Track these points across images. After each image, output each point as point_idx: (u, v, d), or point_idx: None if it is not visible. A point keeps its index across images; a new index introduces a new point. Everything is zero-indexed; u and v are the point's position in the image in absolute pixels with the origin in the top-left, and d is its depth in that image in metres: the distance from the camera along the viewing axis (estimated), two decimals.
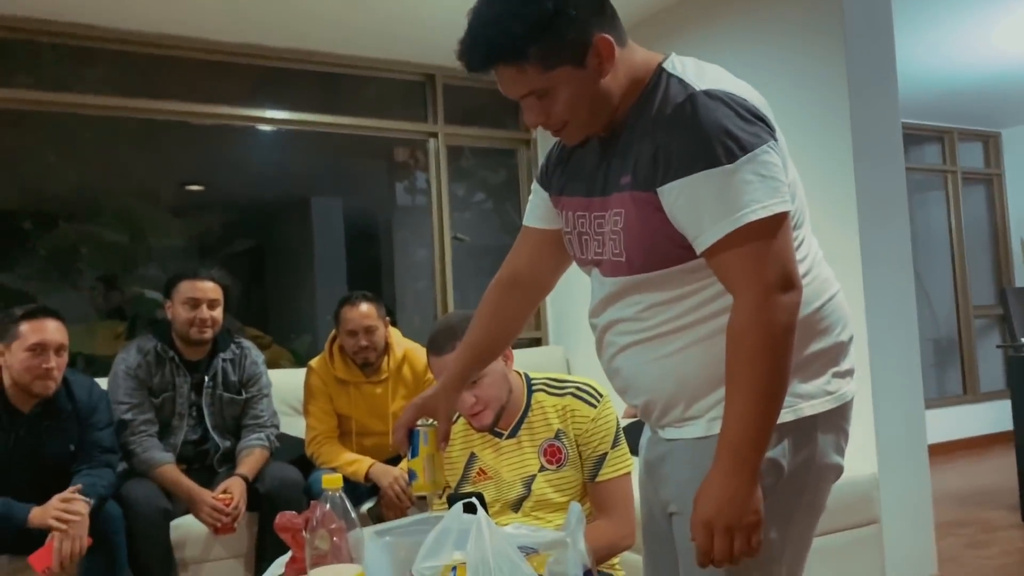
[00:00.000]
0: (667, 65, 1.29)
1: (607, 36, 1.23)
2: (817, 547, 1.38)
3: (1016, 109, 6.37)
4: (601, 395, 1.96)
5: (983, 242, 7.00)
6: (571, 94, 1.25)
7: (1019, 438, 4.04)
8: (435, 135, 4.55)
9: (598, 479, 1.93)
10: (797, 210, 1.28)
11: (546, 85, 1.24)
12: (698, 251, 1.21)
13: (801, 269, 1.25)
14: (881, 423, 3.05)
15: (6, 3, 3.49)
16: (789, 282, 1.18)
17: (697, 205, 1.18)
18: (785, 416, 1.24)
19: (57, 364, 2.57)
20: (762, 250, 1.16)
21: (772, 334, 1.16)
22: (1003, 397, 6.32)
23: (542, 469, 1.93)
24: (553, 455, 1.93)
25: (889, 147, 3.21)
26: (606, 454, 1.93)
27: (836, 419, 1.32)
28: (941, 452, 5.97)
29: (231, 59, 4.06)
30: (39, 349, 2.54)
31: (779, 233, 1.18)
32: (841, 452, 1.34)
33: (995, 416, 6.51)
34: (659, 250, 1.25)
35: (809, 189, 1.37)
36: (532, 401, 1.98)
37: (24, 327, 2.55)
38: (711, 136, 1.16)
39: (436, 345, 1.88)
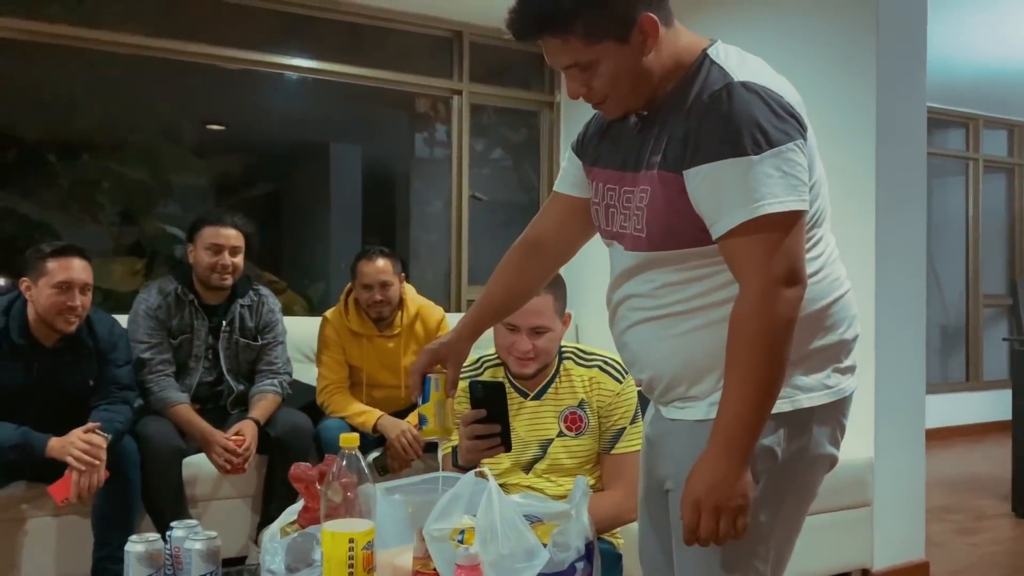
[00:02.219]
0: (711, 51, 1.32)
1: (652, 15, 1.26)
2: (808, 526, 1.42)
3: None
4: (626, 372, 2.02)
5: (999, 231, 6.98)
6: (613, 69, 1.28)
7: (1017, 430, 4.09)
8: (459, 92, 4.54)
9: (613, 451, 2.01)
10: (819, 209, 1.31)
11: (590, 58, 1.28)
12: (714, 236, 1.25)
13: (815, 267, 1.29)
14: (881, 408, 3.09)
15: None
16: (795, 277, 1.22)
17: (718, 192, 1.22)
18: (782, 406, 1.28)
19: (81, 302, 2.62)
20: (772, 243, 1.20)
21: (772, 325, 1.20)
22: (1005, 387, 6.35)
23: (560, 435, 2.00)
24: (574, 423, 2.00)
25: (913, 131, 3.20)
26: (624, 428, 2.00)
27: (833, 412, 1.35)
28: (939, 437, 6.03)
29: (258, 3, 4.04)
30: (65, 287, 2.59)
31: (791, 230, 1.21)
32: (836, 444, 1.39)
33: (995, 405, 6.55)
34: (679, 230, 1.29)
35: (829, 168, 1.39)
36: (561, 368, 2.05)
37: (51, 264, 2.60)
38: (741, 127, 1.20)
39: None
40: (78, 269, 2.63)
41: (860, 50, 3.13)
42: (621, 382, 2.02)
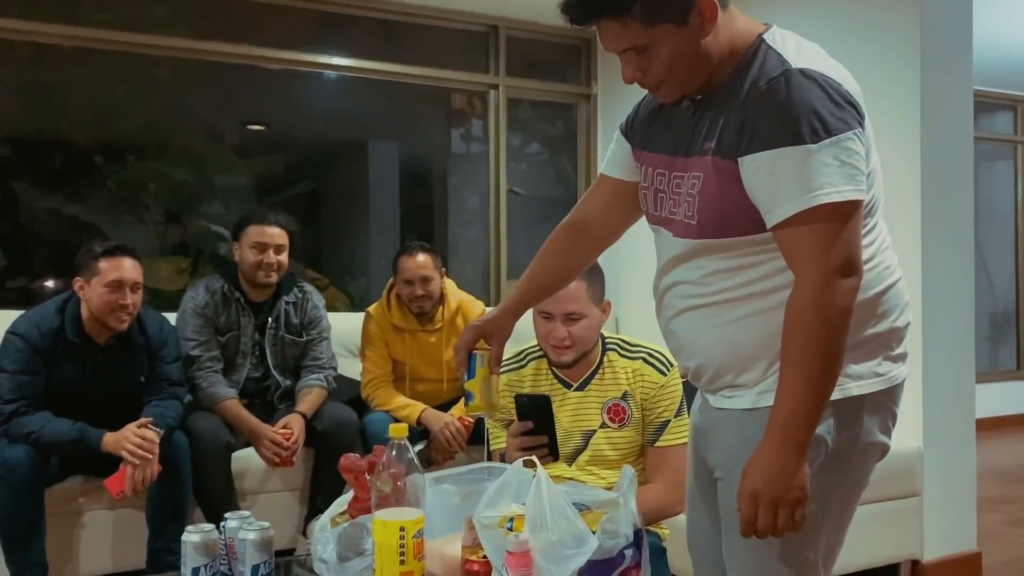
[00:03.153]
0: (767, 37, 1.30)
1: None
2: (857, 516, 1.41)
3: None
4: (672, 364, 2.01)
5: None
6: (671, 52, 1.26)
7: None
8: (496, 87, 4.55)
9: (657, 444, 2.00)
10: (873, 198, 1.30)
11: (647, 41, 1.26)
12: (768, 225, 1.24)
13: (867, 254, 1.27)
14: (929, 397, 3.04)
15: None
16: (852, 268, 1.20)
17: (774, 180, 1.21)
18: (833, 395, 1.26)
19: (132, 301, 2.69)
20: (830, 233, 1.18)
21: (829, 316, 1.18)
22: None
23: (603, 426, 2.00)
24: (617, 414, 2.00)
25: (959, 115, 3.13)
26: (668, 421, 1.99)
27: (884, 400, 1.34)
28: (989, 427, 5.91)
29: (296, 3, 4.08)
30: (116, 286, 2.66)
31: (849, 219, 1.20)
32: (888, 432, 1.37)
33: None
34: (731, 218, 1.28)
35: None
36: (604, 359, 2.05)
37: (103, 264, 2.67)
38: (800, 115, 1.18)
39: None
40: (128, 268, 2.70)
41: (903, 32, 3.07)
42: (666, 374, 2.01)
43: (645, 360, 2.03)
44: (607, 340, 2.07)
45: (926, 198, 3.03)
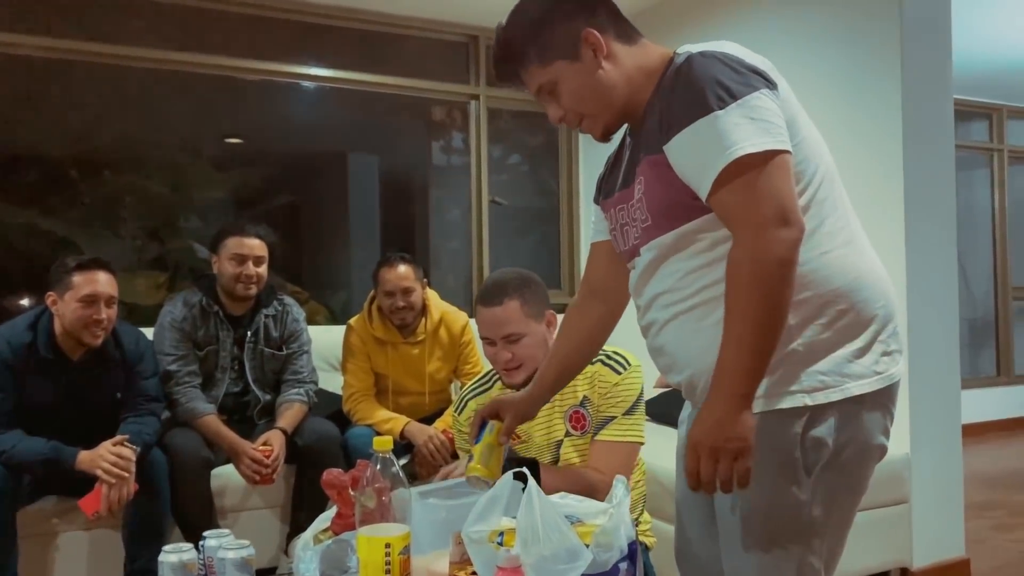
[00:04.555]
0: (679, 50, 1.36)
1: (593, 30, 1.35)
2: None
3: None
4: (629, 364, 1.96)
5: None
6: (572, 86, 1.38)
7: None
8: (476, 97, 4.53)
9: (597, 438, 1.93)
10: (814, 171, 1.31)
11: (549, 79, 1.39)
12: (704, 200, 1.25)
13: (822, 246, 1.28)
14: (916, 403, 3.04)
15: None
16: (785, 218, 1.20)
17: (695, 154, 1.24)
18: (832, 395, 1.26)
19: (107, 316, 2.63)
20: (753, 184, 1.20)
21: (766, 268, 1.19)
22: None
23: (567, 434, 1.96)
24: (578, 421, 1.96)
25: (940, 125, 3.15)
26: (614, 417, 1.93)
27: (883, 400, 1.32)
28: (973, 433, 5.93)
29: (274, 14, 4.06)
30: (90, 300, 2.59)
31: (772, 169, 1.20)
32: (887, 433, 1.36)
33: None
34: (677, 204, 1.30)
35: (856, 164, 1.38)
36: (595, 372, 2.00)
37: (77, 278, 2.61)
38: (704, 87, 1.23)
39: (485, 298, 1.93)
40: (103, 282, 2.64)
41: (884, 45, 3.09)
42: (621, 373, 1.95)
43: (603, 362, 1.98)
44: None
45: (909, 207, 3.04)
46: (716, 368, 1.23)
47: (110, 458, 2.52)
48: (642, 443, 1.95)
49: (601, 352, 1.99)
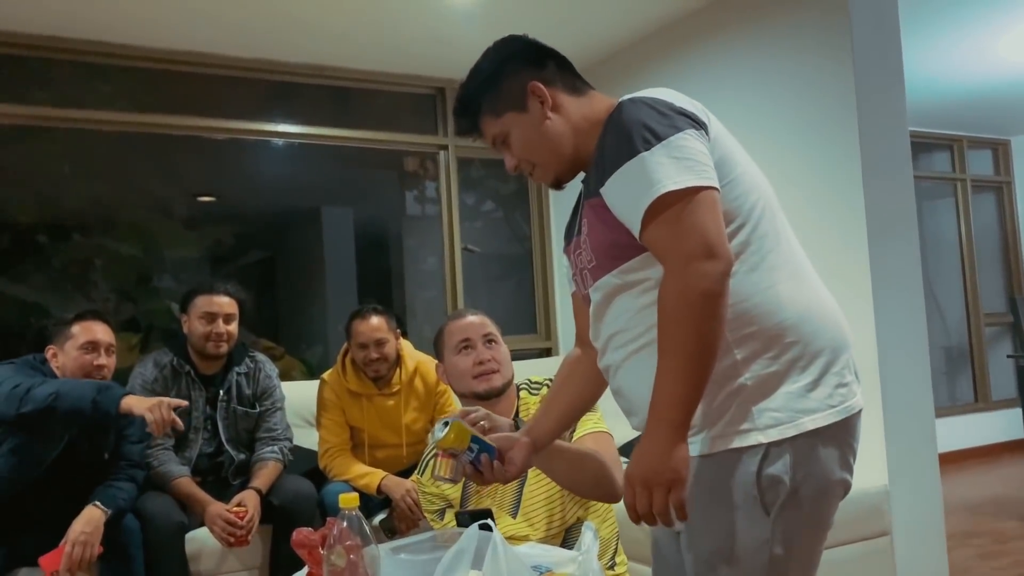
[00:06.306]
0: (621, 99, 1.39)
1: (539, 83, 1.43)
2: (827, 559, 1.38)
3: None
4: (551, 380, 1.96)
5: (993, 250, 6.99)
6: (521, 135, 1.46)
7: None
8: (445, 147, 4.58)
9: (576, 437, 1.92)
10: (754, 204, 1.34)
11: (501, 130, 1.48)
12: (638, 238, 1.29)
13: (761, 281, 1.30)
14: (891, 434, 3.05)
15: (21, 21, 3.54)
16: (710, 251, 1.22)
17: (625, 194, 1.29)
18: (786, 431, 1.26)
19: (107, 363, 2.67)
20: (677, 219, 1.23)
21: (691, 300, 1.21)
22: (1015, 405, 6.31)
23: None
24: None
25: (897, 157, 3.21)
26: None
27: (840, 433, 1.31)
28: (952, 461, 5.95)
29: (243, 74, 4.10)
30: (90, 347, 2.66)
31: (695, 205, 1.24)
32: (848, 468, 1.34)
33: (1006, 424, 6.49)
34: (617, 244, 1.34)
35: (817, 198, 1.40)
36: (519, 402, 2.05)
37: (75, 328, 2.68)
38: (632, 131, 1.29)
39: (457, 314, 2.11)
40: (101, 331, 2.71)
41: (838, 82, 3.17)
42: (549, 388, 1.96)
43: (528, 391, 2.05)
44: (519, 384, 2.09)
45: (873, 238, 3.09)
46: (651, 401, 1.25)
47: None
48: (612, 433, 1.96)
49: (523, 383, 2.09)
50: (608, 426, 1.98)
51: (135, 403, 2.42)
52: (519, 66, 1.46)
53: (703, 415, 1.30)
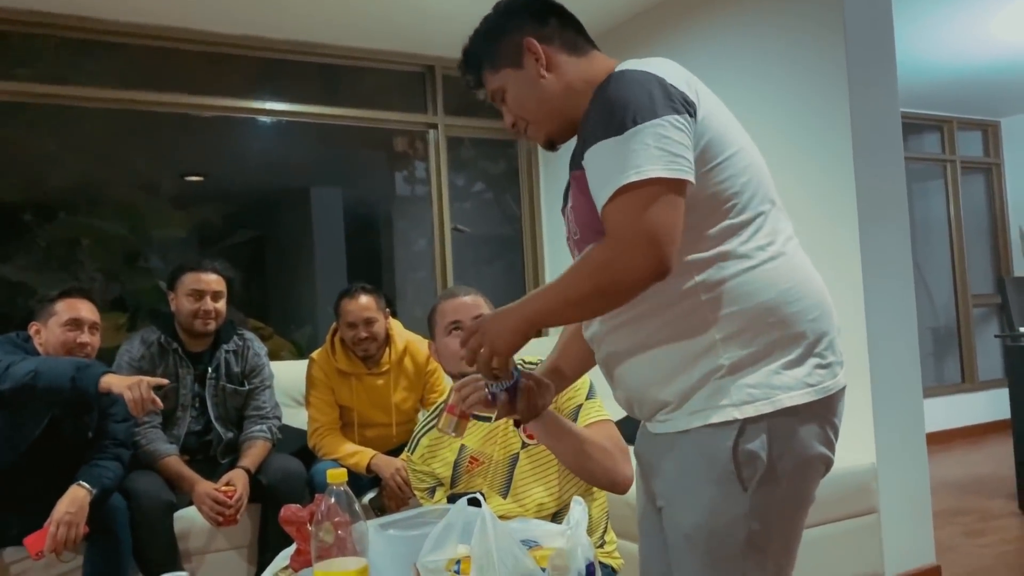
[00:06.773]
0: (619, 66, 1.36)
1: (534, 40, 1.42)
2: (815, 537, 1.38)
3: (1015, 98, 6.37)
4: None
5: (982, 231, 7.02)
6: (517, 92, 1.45)
7: (1017, 427, 4.07)
8: (435, 126, 4.55)
9: (579, 424, 1.91)
10: (747, 182, 1.31)
11: (498, 85, 1.47)
12: (599, 215, 1.27)
13: (763, 255, 1.30)
14: (879, 414, 3.06)
15: None
16: (651, 247, 1.19)
17: (597, 172, 1.27)
18: (761, 408, 1.25)
19: (91, 341, 2.64)
20: (633, 207, 1.21)
21: (609, 279, 1.22)
22: (1001, 386, 6.35)
23: (524, 446, 1.94)
24: None
25: (889, 138, 3.21)
26: (581, 404, 1.92)
27: (820, 411, 1.30)
28: (939, 440, 6.00)
29: (231, 51, 4.06)
30: (73, 324, 2.64)
31: (655, 197, 1.20)
32: (829, 444, 1.33)
33: (993, 405, 6.54)
34: (599, 217, 1.30)
35: (808, 179, 1.38)
36: None
37: (59, 305, 2.66)
38: (614, 108, 1.25)
39: (449, 293, 2.07)
40: (85, 309, 2.68)
41: (829, 63, 3.16)
42: None
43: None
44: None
45: (863, 219, 3.09)
46: (530, 294, 1.36)
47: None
48: (613, 420, 1.95)
49: (528, 363, 2.01)
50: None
51: (115, 381, 2.39)
52: (519, 22, 1.44)
53: (681, 393, 1.29)
